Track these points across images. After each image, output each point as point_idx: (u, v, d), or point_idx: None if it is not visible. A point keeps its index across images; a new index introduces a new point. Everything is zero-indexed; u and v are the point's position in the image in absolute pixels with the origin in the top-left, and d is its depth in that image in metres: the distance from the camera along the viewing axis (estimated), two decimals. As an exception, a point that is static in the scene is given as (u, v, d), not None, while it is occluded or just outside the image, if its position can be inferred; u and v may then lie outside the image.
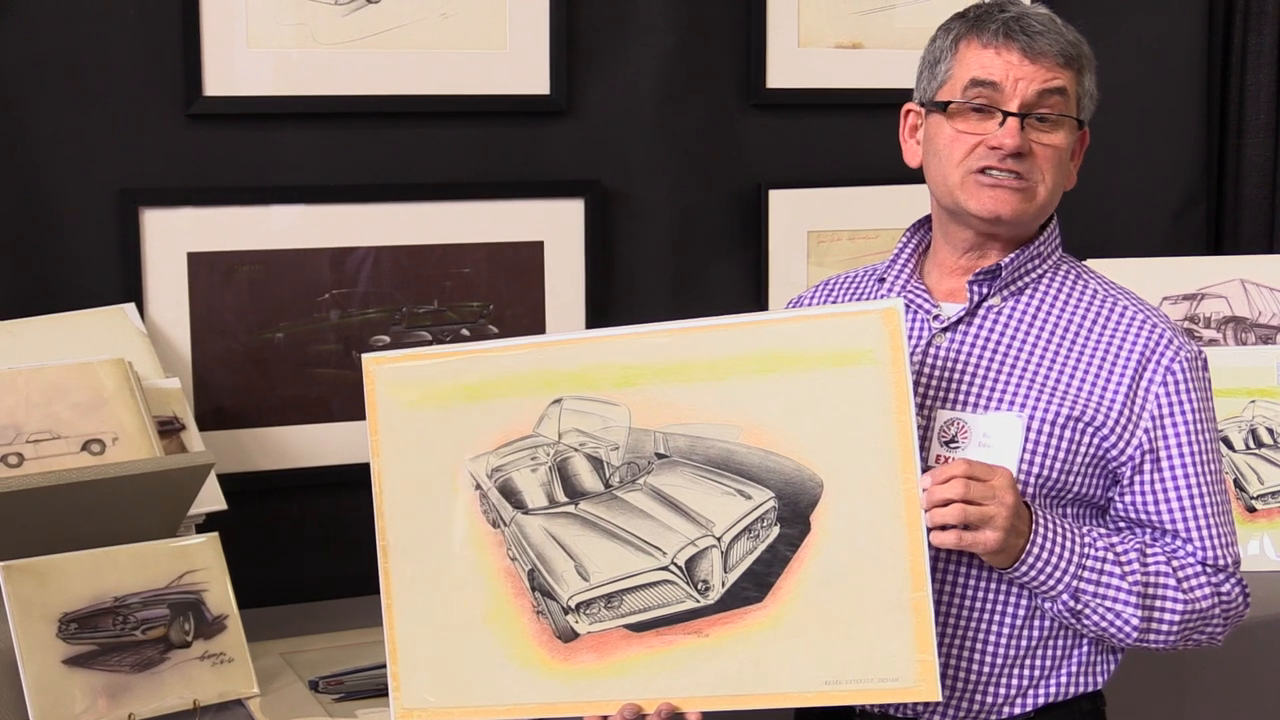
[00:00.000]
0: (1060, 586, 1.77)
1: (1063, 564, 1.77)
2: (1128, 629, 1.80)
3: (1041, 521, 1.77)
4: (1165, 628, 1.81)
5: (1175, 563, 1.82)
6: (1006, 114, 1.82)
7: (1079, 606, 1.79)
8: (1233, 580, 1.86)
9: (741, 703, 1.79)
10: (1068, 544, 1.78)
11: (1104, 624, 1.80)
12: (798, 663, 1.76)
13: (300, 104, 2.50)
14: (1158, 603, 1.80)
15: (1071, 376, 1.84)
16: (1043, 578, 1.77)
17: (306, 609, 2.50)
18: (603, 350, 1.83)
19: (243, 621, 2.13)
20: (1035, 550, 1.75)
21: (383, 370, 1.90)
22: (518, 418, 1.85)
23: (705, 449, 1.78)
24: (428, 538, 1.88)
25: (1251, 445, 2.76)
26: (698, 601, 1.78)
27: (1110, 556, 1.79)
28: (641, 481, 1.81)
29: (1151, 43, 3.13)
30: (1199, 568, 1.83)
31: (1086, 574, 1.78)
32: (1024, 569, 1.76)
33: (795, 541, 1.76)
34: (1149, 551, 1.82)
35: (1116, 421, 1.82)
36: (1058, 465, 1.82)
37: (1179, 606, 1.81)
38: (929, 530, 1.72)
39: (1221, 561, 1.84)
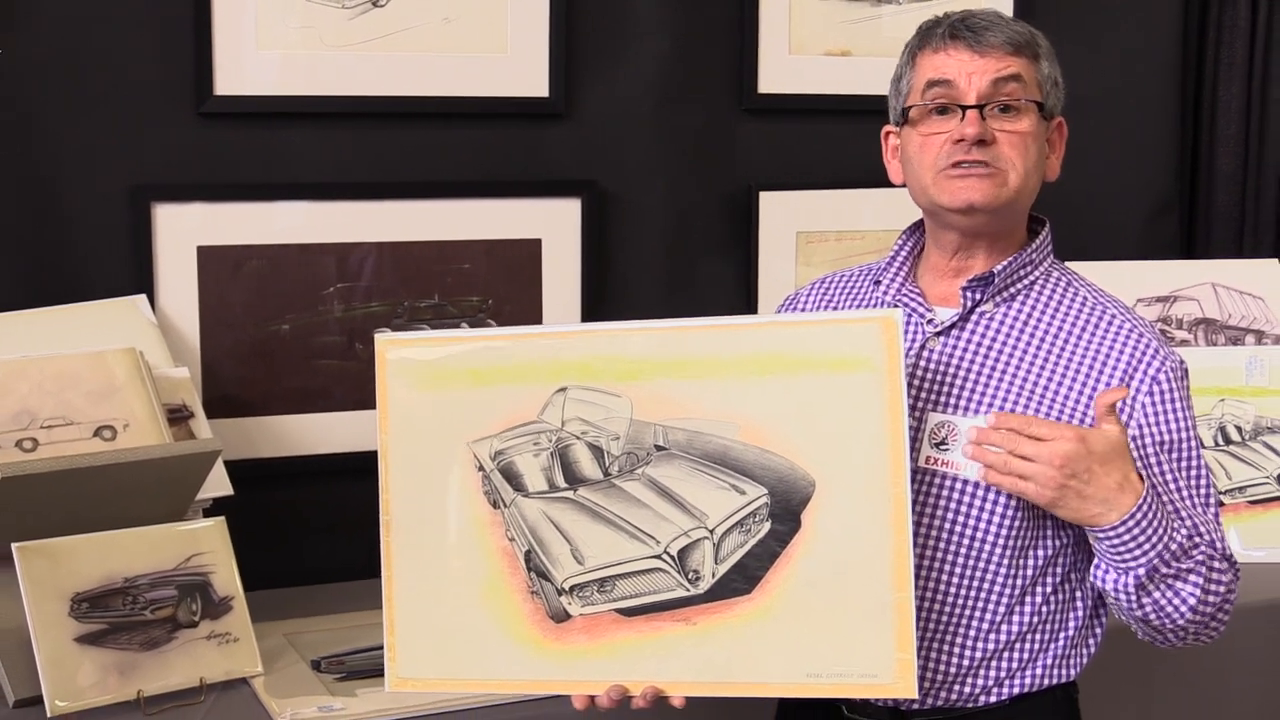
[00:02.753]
0: (1144, 560, 1.73)
1: (1155, 537, 1.72)
2: (1184, 609, 1.76)
3: (1149, 490, 1.73)
4: (1211, 609, 1.78)
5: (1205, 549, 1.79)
6: (965, 108, 1.81)
7: (1149, 584, 1.74)
8: (1233, 572, 1.82)
9: (725, 690, 1.82)
10: (1162, 517, 1.73)
11: (1162, 601, 1.76)
12: (781, 654, 1.78)
13: (307, 104, 2.51)
14: (1212, 586, 1.77)
15: (1060, 383, 1.83)
16: (1132, 545, 1.72)
17: (309, 591, 2.51)
18: (609, 343, 1.85)
19: (248, 603, 2.16)
20: (1138, 514, 1.71)
21: (394, 352, 1.90)
22: (523, 403, 1.86)
23: (703, 444, 1.80)
24: (429, 515, 1.88)
25: (1220, 442, 2.79)
26: (688, 590, 1.80)
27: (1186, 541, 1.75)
28: (639, 472, 1.82)
29: (1128, 56, 3.15)
30: (1215, 554, 1.79)
31: (1169, 555, 1.74)
32: (1121, 529, 1.71)
33: (785, 538, 1.78)
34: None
35: None
36: None
37: (1220, 589, 1.78)
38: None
39: (1227, 552, 1.81)
